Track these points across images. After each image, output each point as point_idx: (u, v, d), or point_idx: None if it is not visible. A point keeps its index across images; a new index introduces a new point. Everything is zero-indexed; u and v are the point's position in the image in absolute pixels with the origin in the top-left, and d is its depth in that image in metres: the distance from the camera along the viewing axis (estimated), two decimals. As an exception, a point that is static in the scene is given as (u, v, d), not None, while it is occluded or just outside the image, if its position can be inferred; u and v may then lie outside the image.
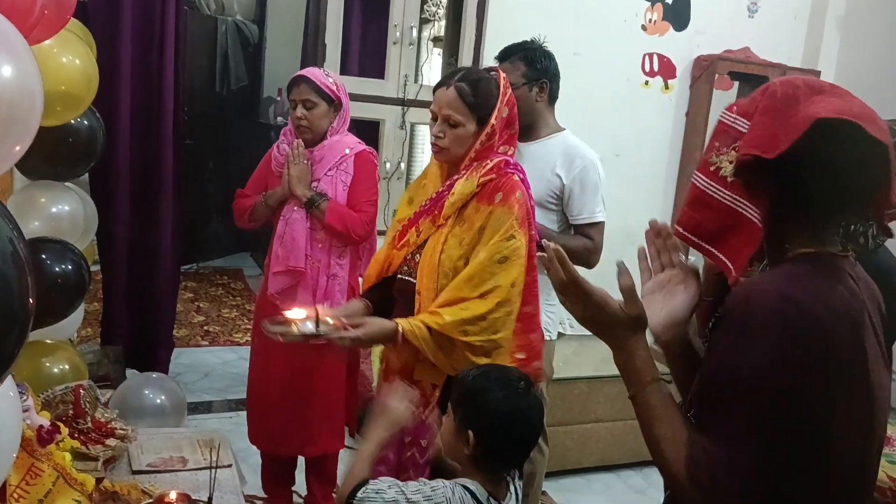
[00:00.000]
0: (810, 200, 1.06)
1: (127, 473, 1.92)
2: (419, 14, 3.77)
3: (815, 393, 0.96)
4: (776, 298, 0.99)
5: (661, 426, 1.07)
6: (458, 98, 1.86)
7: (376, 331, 1.81)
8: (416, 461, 1.89)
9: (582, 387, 3.39)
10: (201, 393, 3.87)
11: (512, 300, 1.81)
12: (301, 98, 2.50)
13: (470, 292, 1.79)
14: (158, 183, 3.44)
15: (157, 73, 3.37)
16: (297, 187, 2.49)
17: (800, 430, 0.97)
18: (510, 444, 1.48)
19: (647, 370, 1.12)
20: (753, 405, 0.97)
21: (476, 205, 1.86)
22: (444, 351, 1.79)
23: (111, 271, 3.45)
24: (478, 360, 1.78)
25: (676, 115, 4.38)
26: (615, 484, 3.44)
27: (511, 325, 1.82)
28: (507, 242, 1.80)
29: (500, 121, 1.90)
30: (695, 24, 4.27)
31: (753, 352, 0.98)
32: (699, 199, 1.16)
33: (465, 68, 1.99)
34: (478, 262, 1.80)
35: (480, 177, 1.86)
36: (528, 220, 1.86)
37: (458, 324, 1.77)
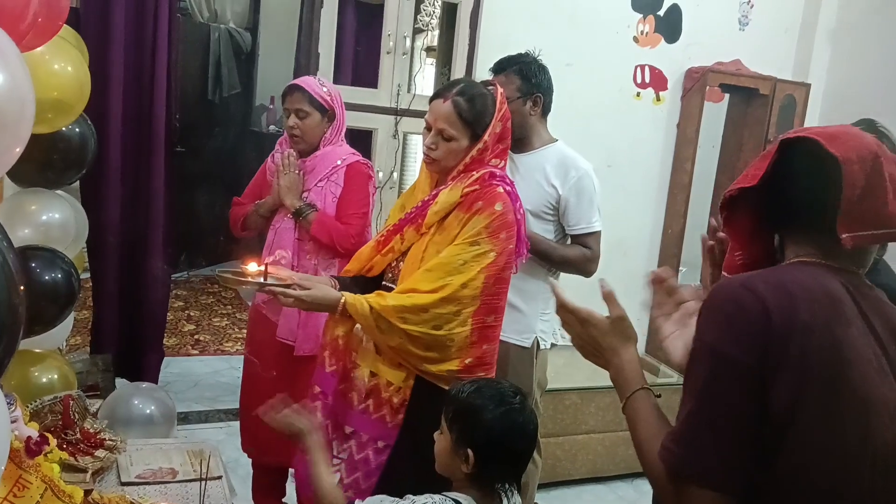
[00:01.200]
0: (792, 216, 1.14)
1: (116, 485, 1.90)
2: (413, 24, 3.77)
3: (755, 366, 1.00)
4: (737, 286, 1.06)
5: (644, 430, 1.12)
6: (454, 113, 1.88)
7: (320, 296, 1.84)
8: (367, 461, 1.90)
9: (574, 398, 3.39)
10: (191, 403, 3.84)
11: (461, 300, 1.82)
12: (294, 107, 2.49)
13: (423, 286, 1.82)
14: (149, 191, 3.43)
15: (149, 80, 3.36)
16: (287, 197, 2.48)
17: (738, 400, 1.01)
18: (509, 460, 1.47)
19: (634, 379, 1.18)
20: (697, 375, 1.04)
21: (457, 213, 1.89)
22: (380, 331, 1.82)
23: (101, 279, 3.43)
24: (419, 352, 1.81)
25: (668, 127, 4.39)
26: (606, 496, 3.43)
27: (457, 328, 1.83)
28: (469, 247, 1.84)
29: (493, 136, 1.92)
30: (686, 37, 4.29)
31: (706, 330, 1.06)
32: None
33: (464, 81, 1.99)
34: (437, 259, 1.84)
35: (465, 188, 1.89)
36: (505, 232, 1.87)
37: (398, 309, 1.80)
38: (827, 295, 1.04)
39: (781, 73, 4.45)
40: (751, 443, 1.00)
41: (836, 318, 1.03)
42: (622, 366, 1.20)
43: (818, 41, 4.53)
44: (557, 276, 2.61)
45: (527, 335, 2.54)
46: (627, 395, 1.17)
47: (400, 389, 1.88)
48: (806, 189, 1.11)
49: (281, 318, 2.50)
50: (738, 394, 1.00)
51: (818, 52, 4.55)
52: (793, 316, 1.00)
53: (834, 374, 1.00)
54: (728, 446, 1.00)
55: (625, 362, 1.20)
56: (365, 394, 1.91)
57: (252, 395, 2.62)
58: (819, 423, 0.99)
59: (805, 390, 0.99)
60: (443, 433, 1.51)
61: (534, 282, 2.52)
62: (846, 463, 1.00)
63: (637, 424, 1.13)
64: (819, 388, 0.99)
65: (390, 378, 1.88)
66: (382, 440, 1.89)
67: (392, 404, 1.88)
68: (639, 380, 1.18)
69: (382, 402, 1.89)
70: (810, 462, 1.00)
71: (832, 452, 1.00)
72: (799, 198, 1.12)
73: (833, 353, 1.00)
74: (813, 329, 1.00)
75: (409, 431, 1.87)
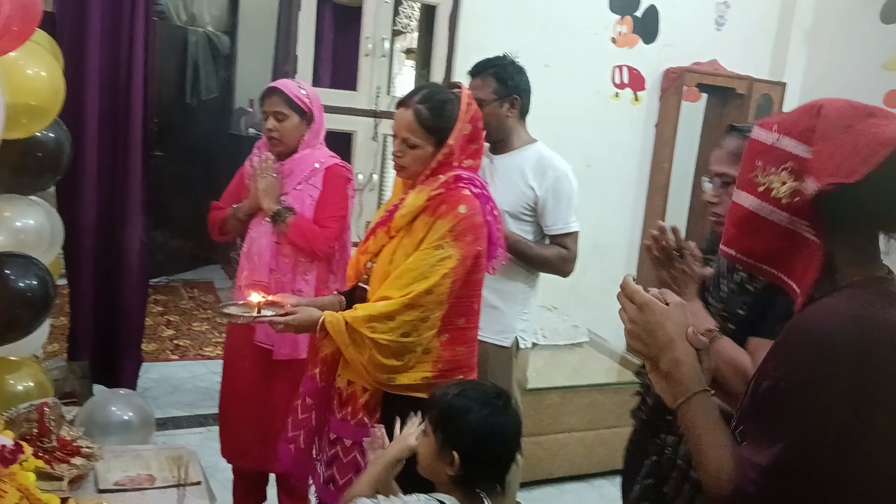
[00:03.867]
0: (869, 222, 1.07)
1: (93, 492, 1.89)
2: (391, 26, 3.77)
3: (848, 407, 0.97)
4: (847, 324, 0.99)
5: (709, 438, 1.08)
6: (415, 121, 1.90)
7: (304, 318, 1.88)
8: (339, 459, 1.93)
9: (554, 397, 3.40)
10: (170, 408, 3.81)
11: (426, 307, 1.83)
12: (272, 110, 2.48)
13: (394, 292, 1.84)
14: (126, 195, 3.40)
15: (126, 84, 3.33)
16: (264, 200, 2.47)
17: (826, 439, 0.98)
18: (494, 461, 1.47)
19: (693, 378, 1.12)
20: (787, 414, 1.00)
21: (423, 217, 1.91)
22: (355, 345, 1.83)
23: (78, 285, 3.40)
24: (386, 361, 1.82)
25: (646, 127, 4.42)
26: (587, 493, 3.44)
27: (426, 333, 1.85)
28: (433, 251, 1.85)
29: (460, 139, 1.94)
30: (664, 37, 4.33)
31: (812, 368, 1.00)
32: (750, 220, 1.12)
33: (427, 87, 2.01)
34: (404, 266, 1.86)
35: (431, 191, 1.90)
36: (471, 234, 1.88)
37: (367, 318, 1.82)
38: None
39: (758, 72, 4.50)
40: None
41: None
42: (679, 361, 1.12)
43: (794, 41, 4.59)
44: (537, 276, 2.62)
45: (506, 335, 2.55)
46: (687, 396, 1.11)
47: (366, 390, 1.91)
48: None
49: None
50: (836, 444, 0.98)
51: (794, 52, 4.61)
52: (881, 353, 0.98)
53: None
54: (799, 486, 1.00)
55: (682, 357, 1.12)
56: (343, 401, 1.94)
57: (231, 399, 2.61)
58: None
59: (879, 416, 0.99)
60: (427, 436, 1.51)
61: (512, 282, 2.53)
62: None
63: (700, 430, 1.09)
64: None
65: (365, 384, 1.91)
66: (347, 438, 1.93)
67: (368, 407, 1.91)
68: (698, 379, 1.12)
69: (359, 407, 1.91)
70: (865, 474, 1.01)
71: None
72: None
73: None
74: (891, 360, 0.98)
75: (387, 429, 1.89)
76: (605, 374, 3.56)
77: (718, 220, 1.69)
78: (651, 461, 1.70)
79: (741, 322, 1.56)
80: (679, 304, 1.15)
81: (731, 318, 1.57)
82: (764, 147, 1.11)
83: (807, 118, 1.08)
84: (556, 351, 3.77)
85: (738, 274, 1.58)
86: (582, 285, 3.48)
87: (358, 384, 1.92)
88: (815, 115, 1.07)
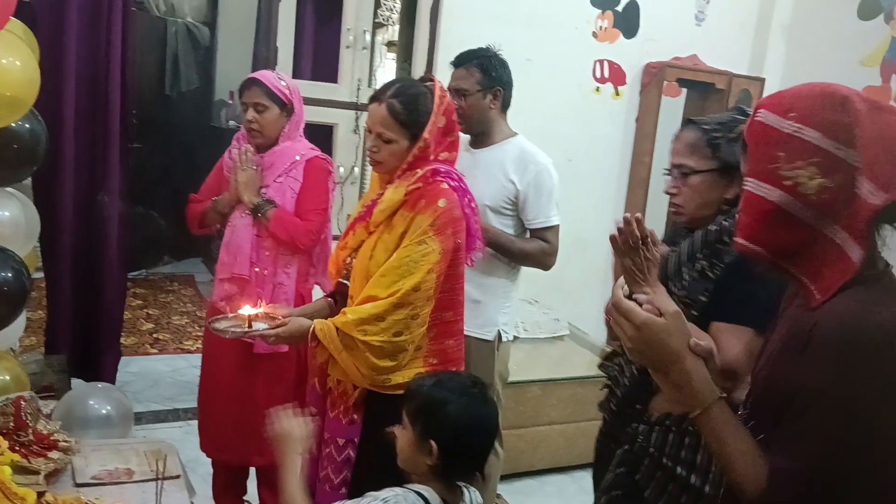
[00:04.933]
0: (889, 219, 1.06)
1: (71, 487, 1.87)
2: (373, 18, 3.76)
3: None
4: (871, 327, 1.00)
5: (734, 443, 1.09)
6: (389, 116, 1.90)
7: (294, 330, 1.89)
8: (333, 460, 1.93)
9: (535, 390, 3.41)
10: (150, 402, 3.78)
11: (414, 304, 1.84)
12: (252, 101, 2.47)
13: (380, 292, 1.84)
14: (104, 187, 3.36)
15: (104, 76, 3.29)
16: (245, 193, 2.45)
17: (859, 442, 1.00)
18: (473, 451, 1.48)
19: (707, 387, 1.11)
20: (819, 420, 1.01)
21: (403, 212, 1.91)
22: (348, 350, 1.83)
23: (55, 278, 3.36)
24: (380, 363, 1.82)
25: (627, 121, 4.44)
26: (568, 485, 3.47)
27: (416, 330, 1.86)
28: (417, 247, 1.85)
29: (435, 132, 1.94)
30: (644, 32, 4.34)
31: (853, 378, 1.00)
32: (774, 214, 1.08)
33: (400, 81, 2.00)
34: (388, 264, 1.86)
35: (408, 186, 1.90)
36: (451, 227, 1.89)
37: (357, 322, 1.81)
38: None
39: (737, 67, 4.52)
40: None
41: None
42: (689, 372, 1.11)
43: (773, 37, 4.62)
44: (518, 270, 2.63)
45: (488, 328, 2.55)
46: (704, 406, 1.10)
47: (356, 388, 1.91)
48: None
49: (240, 316, 2.47)
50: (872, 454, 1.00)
51: (773, 48, 4.64)
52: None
53: None
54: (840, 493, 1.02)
55: (691, 368, 1.11)
56: (334, 401, 1.95)
57: (211, 393, 2.60)
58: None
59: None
60: (405, 428, 1.51)
61: (494, 276, 2.54)
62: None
63: (725, 438, 1.09)
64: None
65: (362, 386, 1.91)
66: (340, 437, 1.93)
67: (357, 404, 1.92)
68: (712, 388, 1.11)
69: (350, 406, 1.92)
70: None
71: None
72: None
73: None
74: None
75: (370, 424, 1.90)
76: (585, 367, 3.58)
77: (678, 211, 1.72)
78: (623, 450, 1.72)
79: (703, 308, 1.59)
80: (675, 313, 1.13)
81: (693, 304, 1.61)
82: (782, 136, 1.07)
83: (831, 112, 1.05)
84: (537, 344, 3.79)
85: (700, 262, 1.62)
86: (563, 279, 3.49)
87: (347, 383, 1.91)
88: (843, 110, 1.05)
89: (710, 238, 1.63)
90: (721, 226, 1.62)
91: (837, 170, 1.04)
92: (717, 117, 1.71)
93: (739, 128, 1.62)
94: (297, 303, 2.51)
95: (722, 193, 1.65)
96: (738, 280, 1.56)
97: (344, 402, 1.92)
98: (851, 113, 1.05)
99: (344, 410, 1.92)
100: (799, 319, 1.11)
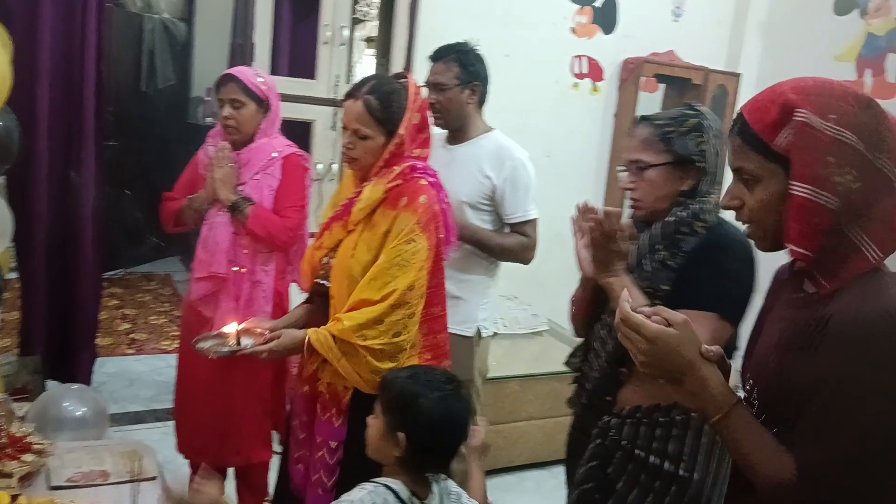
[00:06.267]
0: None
1: (45, 489, 1.85)
2: (350, 14, 3.73)
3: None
4: (888, 318, 1.03)
5: (757, 444, 1.10)
6: (365, 112, 1.89)
7: (288, 342, 1.88)
8: (325, 462, 1.92)
9: (514, 386, 3.42)
10: (127, 403, 3.74)
11: (411, 303, 1.84)
12: (229, 97, 2.44)
13: (372, 294, 1.83)
14: (80, 186, 3.32)
15: (79, 72, 3.25)
16: (221, 191, 2.42)
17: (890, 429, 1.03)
18: (442, 446, 1.49)
19: (724, 393, 1.12)
20: (848, 411, 1.03)
21: (383, 210, 1.90)
22: (347, 357, 1.83)
23: (30, 278, 3.31)
24: (381, 365, 1.82)
25: (605, 117, 4.46)
26: (546, 481, 3.48)
27: (413, 328, 1.87)
28: (406, 246, 1.85)
29: (410, 129, 1.94)
30: (622, 28, 4.36)
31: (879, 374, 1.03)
32: (830, 221, 1.07)
33: (375, 78, 1.99)
34: (378, 265, 1.85)
35: (387, 183, 1.90)
36: (433, 223, 1.90)
37: (355, 328, 1.81)
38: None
39: (714, 63, 4.55)
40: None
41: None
42: (705, 379, 1.11)
43: (749, 33, 4.66)
44: (497, 266, 2.63)
45: (468, 325, 2.55)
46: (724, 411, 1.11)
47: (347, 389, 1.91)
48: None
49: (217, 315, 2.45)
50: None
51: (749, 44, 4.67)
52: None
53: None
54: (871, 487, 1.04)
55: (707, 375, 1.11)
56: (326, 404, 1.93)
57: (187, 394, 2.58)
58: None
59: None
60: (377, 417, 1.52)
61: (473, 272, 2.54)
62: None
63: (749, 439, 1.11)
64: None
65: (345, 383, 1.90)
66: (333, 440, 1.92)
67: (348, 406, 1.91)
68: (729, 392, 1.12)
69: (343, 408, 1.91)
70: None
71: None
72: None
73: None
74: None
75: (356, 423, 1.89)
76: (564, 362, 3.59)
77: (636, 205, 1.76)
78: (595, 444, 1.75)
79: (666, 297, 1.64)
80: (684, 322, 1.12)
81: (656, 294, 1.66)
82: (829, 140, 1.06)
83: (863, 115, 1.07)
84: (516, 340, 3.79)
85: (660, 253, 1.68)
86: (542, 274, 3.49)
87: (338, 384, 1.90)
88: (869, 112, 1.07)
89: (668, 229, 1.68)
90: (678, 217, 1.68)
91: (872, 174, 1.06)
92: (668, 113, 1.77)
93: (690, 122, 1.68)
94: (275, 300, 2.50)
95: (677, 186, 1.71)
96: (699, 268, 1.63)
97: (336, 404, 1.91)
98: (879, 116, 1.07)
99: (336, 413, 1.91)
100: (800, 317, 1.12)
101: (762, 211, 1.14)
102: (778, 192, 1.11)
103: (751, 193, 1.15)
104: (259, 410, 2.53)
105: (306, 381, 1.97)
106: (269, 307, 2.45)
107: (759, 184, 1.13)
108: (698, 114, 1.71)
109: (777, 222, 1.12)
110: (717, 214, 1.68)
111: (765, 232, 1.17)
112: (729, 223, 1.71)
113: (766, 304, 1.33)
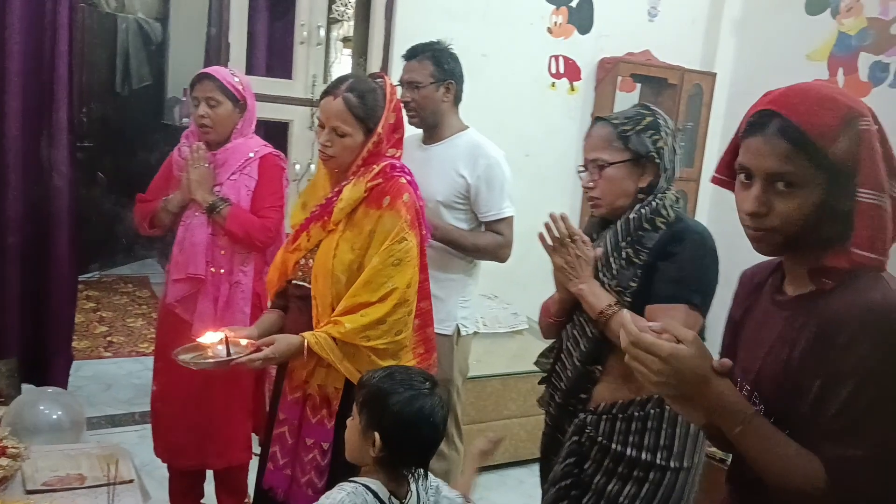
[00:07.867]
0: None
1: (21, 494, 1.83)
2: (327, 14, 3.72)
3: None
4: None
5: (781, 450, 1.10)
6: (345, 109, 1.90)
7: (285, 348, 1.86)
8: (317, 464, 1.91)
9: (496, 384, 3.43)
10: (104, 406, 3.71)
11: (410, 300, 1.88)
12: (205, 95, 2.42)
13: (369, 297, 1.84)
14: (52, 187, 3.28)
15: (49, 73, 3.21)
16: (198, 192, 2.40)
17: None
18: (415, 445, 1.49)
19: (740, 402, 1.12)
20: (873, 403, 1.04)
21: (365, 209, 1.91)
22: (349, 358, 1.84)
23: (3, 281, 3.27)
24: (384, 363, 1.82)
25: (583, 116, 4.47)
26: (528, 478, 3.48)
27: (411, 324, 1.90)
28: (398, 245, 1.86)
29: (387, 127, 1.95)
30: (598, 28, 4.38)
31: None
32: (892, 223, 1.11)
33: (352, 76, 2.00)
34: (372, 267, 1.85)
35: (368, 182, 1.90)
36: (417, 220, 1.93)
37: (359, 330, 1.82)
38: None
39: (689, 63, 4.58)
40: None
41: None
42: (722, 393, 1.10)
43: (723, 31, 4.70)
44: (476, 265, 2.63)
45: (447, 323, 2.56)
46: (745, 422, 1.10)
47: (338, 390, 1.91)
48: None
49: (196, 317, 2.43)
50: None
51: (724, 43, 4.71)
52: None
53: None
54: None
55: (723, 388, 1.10)
56: (317, 406, 1.93)
57: (165, 396, 2.55)
58: None
59: None
60: (354, 418, 1.52)
61: (451, 271, 2.55)
62: None
63: (773, 445, 1.10)
64: None
65: (336, 385, 1.90)
66: (325, 442, 1.92)
67: (332, 407, 1.91)
68: (746, 403, 1.13)
69: (334, 409, 1.91)
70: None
71: None
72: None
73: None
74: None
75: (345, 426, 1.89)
76: (544, 361, 3.60)
77: (596, 204, 1.79)
78: (571, 441, 1.76)
79: (634, 293, 1.68)
80: (695, 338, 1.10)
81: (625, 291, 1.69)
82: (883, 147, 1.11)
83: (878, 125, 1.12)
84: (496, 338, 3.80)
85: (625, 250, 1.71)
86: (521, 273, 3.50)
87: (329, 386, 1.90)
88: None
89: (631, 227, 1.71)
90: (640, 213, 1.71)
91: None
92: (624, 112, 1.81)
93: (646, 121, 1.72)
94: (254, 301, 2.48)
95: (636, 183, 1.74)
96: (663, 261, 1.66)
97: (327, 406, 1.91)
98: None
99: (328, 414, 1.91)
100: (799, 317, 1.14)
101: (798, 218, 1.11)
102: (819, 200, 1.10)
103: (783, 200, 1.11)
104: (240, 413, 2.52)
105: (298, 388, 1.96)
106: (247, 308, 2.43)
107: (801, 190, 1.10)
108: (653, 113, 1.76)
109: (803, 229, 1.12)
110: (675, 209, 1.72)
111: (786, 238, 1.13)
112: (688, 217, 1.76)
113: (737, 309, 1.33)
